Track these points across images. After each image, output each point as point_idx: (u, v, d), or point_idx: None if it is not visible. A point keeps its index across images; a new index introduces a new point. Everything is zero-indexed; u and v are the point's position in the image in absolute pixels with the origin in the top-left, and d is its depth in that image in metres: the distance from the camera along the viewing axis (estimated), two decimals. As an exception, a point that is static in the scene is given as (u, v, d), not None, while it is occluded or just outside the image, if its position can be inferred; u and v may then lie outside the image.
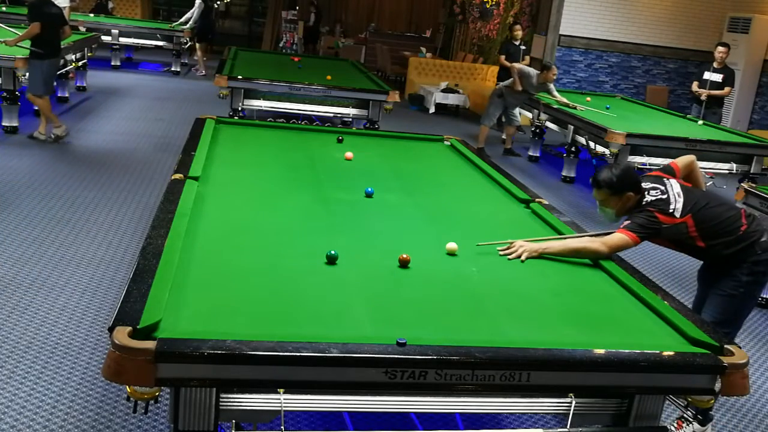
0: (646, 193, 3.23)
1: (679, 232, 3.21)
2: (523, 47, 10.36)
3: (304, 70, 8.68)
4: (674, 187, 3.28)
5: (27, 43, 7.23)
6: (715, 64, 9.02)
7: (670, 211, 3.18)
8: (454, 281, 2.65)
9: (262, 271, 2.55)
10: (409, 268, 2.68)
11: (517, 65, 8.86)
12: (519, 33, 10.35)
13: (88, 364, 3.51)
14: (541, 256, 2.98)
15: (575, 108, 8.21)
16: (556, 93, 8.54)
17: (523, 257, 2.96)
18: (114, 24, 12.91)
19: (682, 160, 3.59)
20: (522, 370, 2.05)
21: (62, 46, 7.92)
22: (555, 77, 8.66)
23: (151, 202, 5.93)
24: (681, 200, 3.21)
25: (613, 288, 2.74)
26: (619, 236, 3.07)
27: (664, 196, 3.21)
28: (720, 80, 8.87)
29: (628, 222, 3.14)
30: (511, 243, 3.03)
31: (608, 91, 11.52)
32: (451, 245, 2.91)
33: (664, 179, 3.34)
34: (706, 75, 9.04)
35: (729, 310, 3.31)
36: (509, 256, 2.97)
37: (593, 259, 3.00)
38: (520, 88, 8.70)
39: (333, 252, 2.64)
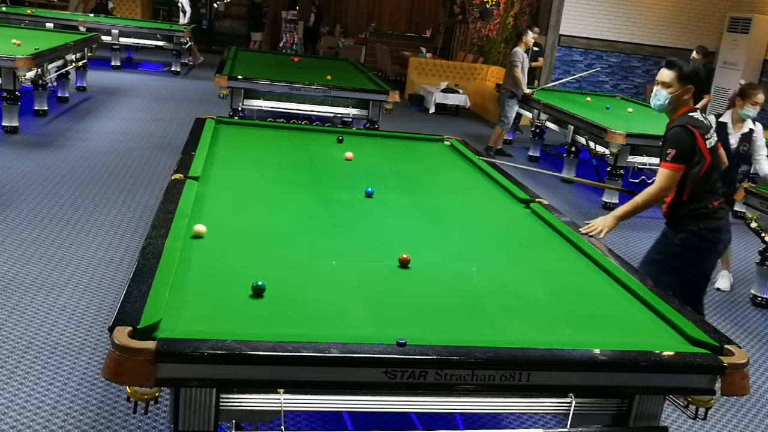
0: (698, 109, 3.58)
1: (692, 171, 3.49)
2: (535, 49, 10.33)
3: (304, 70, 8.68)
4: (715, 136, 3.63)
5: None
6: None
7: (707, 137, 3.51)
8: (454, 281, 2.65)
9: (262, 271, 2.54)
10: (409, 268, 2.68)
11: (516, 72, 8.89)
12: (534, 35, 10.30)
13: (88, 365, 3.51)
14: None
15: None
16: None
17: (602, 235, 3.35)
18: (114, 24, 12.91)
19: None
20: (522, 370, 2.05)
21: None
22: (533, 40, 9.23)
23: (151, 202, 5.93)
24: (713, 142, 3.55)
25: (613, 288, 2.74)
26: (662, 172, 3.49)
27: (707, 123, 3.57)
28: None
29: (666, 155, 3.48)
30: (590, 224, 3.42)
31: (608, 91, 11.52)
32: (199, 227, 2.75)
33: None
34: None
35: (648, 273, 3.34)
36: (592, 232, 3.34)
37: (657, 205, 3.53)
38: (527, 90, 8.96)
39: (260, 283, 2.30)
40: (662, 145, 3.61)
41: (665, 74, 3.57)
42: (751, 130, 5.18)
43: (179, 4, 14.54)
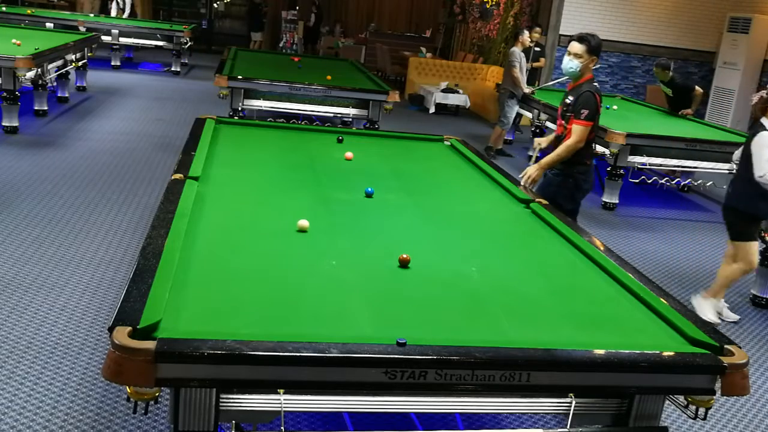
0: (595, 79, 4.50)
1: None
2: (537, 49, 10.33)
3: (304, 70, 8.68)
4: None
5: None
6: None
7: (601, 104, 4.52)
8: (454, 281, 2.65)
9: (262, 270, 2.55)
10: (409, 268, 2.68)
11: (515, 72, 8.92)
12: (536, 35, 10.32)
13: (88, 364, 3.51)
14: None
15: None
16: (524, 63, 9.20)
17: (530, 181, 4.39)
18: (114, 24, 12.91)
19: None
20: (522, 370, 2.05)
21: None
22: (530, 40, 9.29)
23: (151, 202, 5.93)
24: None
25: (613, 288, 2.74)
26: (577, 128, 4.39)
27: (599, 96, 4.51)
28: (671, 94, 8.81)
29: (580, 114, 4.38)
30: (524, 174, 4.43)
31: (608, 91, 11.52)
32: (302, 222, 2.96)
33: None
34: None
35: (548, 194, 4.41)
36: (527, 184, 4.28)
37: (574, 155, 4.43)
38: (526, 90, 8.98)
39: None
40: (575, 105, 4.44)
41: (577, 47, 4.40)
42: None
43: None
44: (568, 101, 4.56)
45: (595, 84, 4.49)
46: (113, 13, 14.45)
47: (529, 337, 2.22)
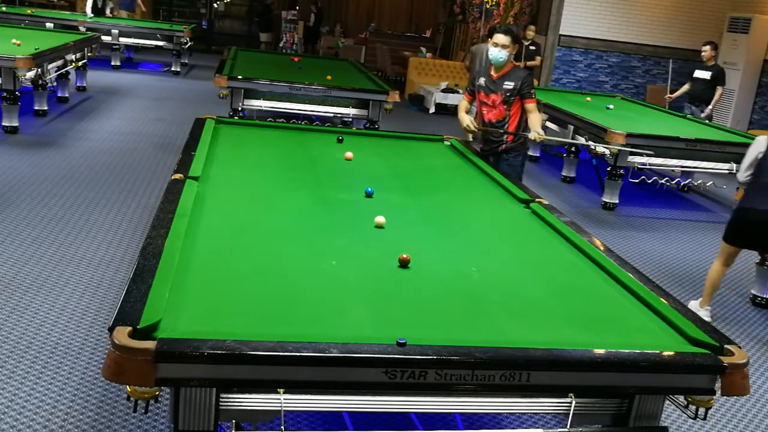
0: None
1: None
2: (532, 47, 10.31)
3: (304, 70, 8.68)
4: None
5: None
6: (705, 62, 9.11)
7: None
8: (454, 281, 2.65)
9: (262, 271, 2.55)
10: (409, 268, 2.68)
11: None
12: (531, 33, 10.31)
13: (88, 364, 3.51)
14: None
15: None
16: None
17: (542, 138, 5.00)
18: (114, 24, 12.91)
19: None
20: (522, 370, 2.05)
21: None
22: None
23: (151, 202, 5.93)
24: None
25: (613, 288, 2.74)
26: (536, 105, 5.09)
27: None
28: (708, 77, 8.93)
29: (530, 95, 5.05)
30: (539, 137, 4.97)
31: (608, 91, 11.52)
32: (379, 219, 3.11)
33: None
34: (696, 73, 9.13)
35: (518, 171, 5.25)
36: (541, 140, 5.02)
37: (521, 130, 5.14)
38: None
39: None
40: (522, 89, 5.02)
41: (504, 39, 4.94)
42: None
43: None
44: (507, 86, 5.07)
45: (521, 66, 5.35)
46: (88, 12, 13.94)
47: (529, 337, 2.22)
